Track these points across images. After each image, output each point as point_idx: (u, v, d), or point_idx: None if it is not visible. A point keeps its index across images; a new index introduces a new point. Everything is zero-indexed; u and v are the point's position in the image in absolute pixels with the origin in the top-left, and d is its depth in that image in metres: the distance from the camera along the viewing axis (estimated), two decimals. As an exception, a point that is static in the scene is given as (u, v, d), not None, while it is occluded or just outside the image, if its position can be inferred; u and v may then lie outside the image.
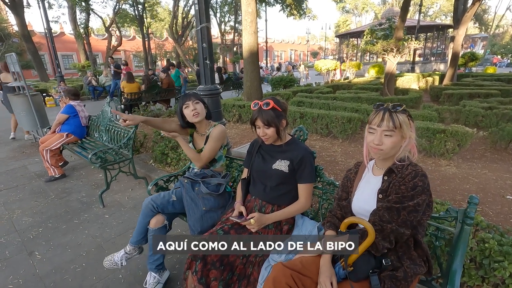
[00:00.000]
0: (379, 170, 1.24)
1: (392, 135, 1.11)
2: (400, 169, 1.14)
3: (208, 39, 2.95)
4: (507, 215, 2.52)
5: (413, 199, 1.05)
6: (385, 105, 1.16)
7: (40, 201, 3.18)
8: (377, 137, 1.13)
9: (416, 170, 1.11)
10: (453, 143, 3.73)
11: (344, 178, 1.38)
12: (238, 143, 4.84)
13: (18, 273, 2.09)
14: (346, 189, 1.34)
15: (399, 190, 1.10)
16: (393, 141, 1.12)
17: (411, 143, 1.16)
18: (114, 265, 1.89)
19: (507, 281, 1.40)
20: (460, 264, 1.12)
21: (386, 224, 1.07)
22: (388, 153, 1.15)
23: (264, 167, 1.60)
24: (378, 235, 1.07)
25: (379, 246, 1.08)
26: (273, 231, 1.53)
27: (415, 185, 1.07)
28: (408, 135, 1.13)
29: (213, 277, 1.37)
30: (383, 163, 1.23)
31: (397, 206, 1.06)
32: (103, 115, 3.88)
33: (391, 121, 1.10)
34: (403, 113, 1.13)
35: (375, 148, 1.14)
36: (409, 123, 1.14)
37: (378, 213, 1.11)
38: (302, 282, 1.14)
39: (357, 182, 1.29)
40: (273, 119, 1.51)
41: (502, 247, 1.42)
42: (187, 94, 1.96)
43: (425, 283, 1.28)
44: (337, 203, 1.37)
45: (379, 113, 1.14)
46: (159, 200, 1.85)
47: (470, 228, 1.18)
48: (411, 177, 1.09)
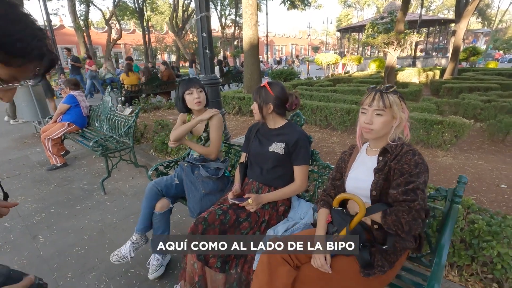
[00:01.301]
0: (373, 151, 1.27)
1: (383, 114, 1.14)
2: (394, 148, 1.16)
3: (208, 29, 2.97)
4: (501, 202, 2.58)
5: (419, 177, 1.07)
6: (377, 87, 1.19)
7: (43, 189, 3.24)
8: (368, 117, 1.16)
9: (412, 149, 1.13)
10: (450, 134, 3.77)
11: (339, 160, 1.42)
12: (238, 135, 4.89)
13: (22, 254, 2.15)
14: (340, 170, 1.38)
15: (403, 170, 1.10)
16: (383, 121, 1.15)
17: (403, 123, 1.18)
18: (122, 258, 1.87)
19: (495, 260, 1.45)
20: (448, 239, 1.17)
21: (412, 202, 1.04)
22: (378, 132, 1.17)
23: (261, 150, 1.64)
24: (407, 216, 1.03)
25: (413, 227, 1.03)
26: (269, 211, 1.58)
27: (416, 162, 1.09)
28: (399, 116, 1.15)
29: (211, 254, 1.42)
30: (375, 143, 1.26)
31: (411, 187, 1.06)
32: (104, 105, 3.92)
33: (382, 101, 1.13)
34: (394, 93, 1.15)
35: (366, 128, 1.18)
36: (401, 104, 1.16)
37: (397, 199, 1.08)
38: (297, 256, 1.19)
39: (351, 163, 1.33)
40: (257, 97, 1.61)
41: (491, 227, 1.47)
42: (191, 79, 1.96)
43: (415, 260, 1.33)
44: (331, 182, 1.41)
45: (370, 94, 1.18)
46: (163, 183, 1.90)
47: (459, 206, 1.23)
48: (410, 155, 1.11)
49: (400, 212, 1.04)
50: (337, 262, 1.16)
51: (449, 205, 1.23)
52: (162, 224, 1.86)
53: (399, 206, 1.06)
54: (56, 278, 1.92)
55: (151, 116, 6.49)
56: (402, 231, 1.05)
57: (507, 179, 3.06)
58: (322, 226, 1.27)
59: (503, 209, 2.46)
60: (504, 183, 2.97)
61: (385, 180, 1.15)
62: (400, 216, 1.04)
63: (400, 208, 1.05)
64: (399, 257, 1.15)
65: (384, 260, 1.12)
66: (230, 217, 1.50)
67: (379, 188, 1.14)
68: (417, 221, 1.03)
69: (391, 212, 1.07)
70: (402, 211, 1.04)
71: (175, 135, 1.93)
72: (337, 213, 1.24)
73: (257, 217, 1.56)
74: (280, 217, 1.60)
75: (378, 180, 1.15)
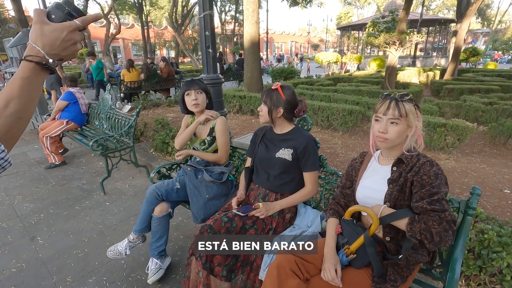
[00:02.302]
0: (386, 160, 1.24)
1: (398, 123, 1.11)
2: (410, 159, 1.13)
3: (211, 27, 2.92)
4: (504, 208, 2.56)
5: (441, 188, 1.03)
6: (392, 94, 1.16)
7: (41, 188, 3.19)
8: (383, 125, 1.13)
9: (430, 160, 1.10)
10: (453, 137, 3.75)
11: (349, 167, 1.38)
12: (238, 134, 4.84)
13: (21, 257, 2.11)
14: (351, 178, 1.35)
15: (423, 182, 1.06)
16: (399, 130, 1.11)
17: (418, 133, 1.15)
18: (118, 254, 1.89)
19: (504, 271, 1.43)
20: (461, 253, 1.14)
21: (442, 212, 1.00)
22: (393, 141, 1.14)
23: (267, 155, 1.60)
24: (438, 227, 0.98)
25: (445, 239, 0.98)
26: (276, 219, 1.55)
27: (436, 173, 1.06)
28: (414, 125, 1.12)
29: (217, 262, 1.39)
30: (389, 153, 1.22)
31: (437, 198, 1.01)
32: (103, 103, 3.86)
33: (397, 110, 1.10)
34: (409, 102, 1.12)
35: (380, 136, 1.14)
36: (416, 112, 1.13)
37: (425, 209, 1.03)
38: (306, 268, 1.16)
39: (362, 171, 1.29)
40: (268, 99, 1.55)
41: (501, 238, 1.45)
42: (192, 81, 1.94)
43: (425, 271, 1.31)
44: (340, 191, 1.37)
45: (385, 102, 1.13)
46: (164, 188, 1.86)
47: (472, 219, 1.20)
48: (428, 166, 1.08)
49: (430, 221, 1.00)
50: (347, 275, 1.13)
51: (462, 217, 1.20)
52: (161, 228, 1.82)
53: (428, 216, 1.01)
54: (56, 282, 1.88)
55: (151, 113, 6.43)
56: (430, 241, 0.99)
57: (510, 184, 3.05)
58: (332, 237, 1.24)
59: (507, 215, 2.45)
60: (507, 187, 2.96)
61: (399, 191, 1.11)
62: (431, 225, 0.99)
63: (430, 217, 1.00)
64: (412, 272, 1.12)
65: (397, 274, 1.09)
66: (236, 224, 1.46)
67: (393, 200, 1.11)
68: (448, 232, 0.98)
69: (420, 219, 1.02)
70: (433, 220, 0.99)
71: (179, 142, 1.96)
72: (347, 224, 1.21)
73: (263, 224, 1.53)
74: (286, 225, 1.57)
75: (392, 192, 1.12)
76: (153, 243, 1.86)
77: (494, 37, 37.80)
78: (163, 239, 1.86)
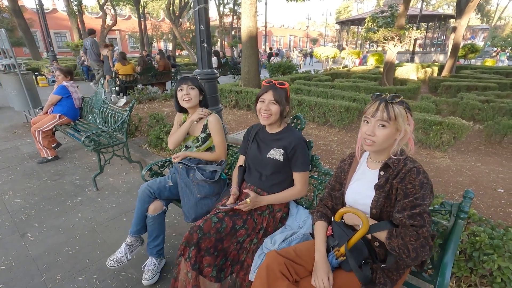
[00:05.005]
0: (374, 163, 1.20)
1: (386, 126, 1.06)
2: (396, 163, 1.10)
3: (206, 21, 2.86)
4: (498, 207, 2.57)
5: (425, 199, 1.01)
6: (383, 95, 1.12)
7: (33, 183, 3.15)
8: (371, 128, 1.09)
9: (417, 167, 1.06)
10: (449, 135, 3.74)
11: (338, 169, 1.34)
12: (234, 129, 4.81)
13: (10, 254, 2.08)
14: (340, 180, 1.32)
15: (407, 191, 1.04)
16: (386, 133, 1.07)
17: (407, 137, 1.10)
18: (119, 262, 1.80)
19: (494, 273, 1.43)
20: (452, 257, 1.13)
21: (420, 228, 0.98)
22: (380, 145, 1.09)
23: (259, 155, 1.58)
24: (415, 243, 0.98)
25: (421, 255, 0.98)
26: (267, 218, 1.53)
27: (421, 183, 1.02)
28: (404, 128, 1.07)
29: (206, 263, 1.37)
30: (377, 156, 1.18)
31: (418, 211, 0.99)
32: (96, 97, 3.79)
33: (386, 112, 1.05)
34: (400, 104, 1.07)
35: (368, 138, 1.10)
36: (406, 116, 1.08)
37: (403, 223, 1.01)
38: (295, 270, 1.15)
39: (351, 174, 1.27)
40: (283, 98, 1.49)
41: (493, 240, 1.44)
42: (185, 78, 1.91)
43: (416, 274, 1.30)
44: (329, 192, 1.34)
45: (375, 103, 1.09)
46: (156, 185, 1.83)
47: (464, 222, 1.19)
48: (415, 174, 1.04)
49: (407, 237, 0.99)
50: (337, 277, 1.12)
51: (454, 221, 1.19)
52: (156, 227, 1.80)
53: (406, 230, 1.00)
54: (45, 279, 1.86)
55: (146, 107, 6.36)
56: (407, 256, 0.99)
57: (504, 183, 3.05)
58: (322, 242, 1.21)
59: (500, 215, 2.46)
60: (500, 187, 2.96)
61: (386, 198, 1.09)
62: (407, 241, 0.98)
63: (408, 232, 0.99)
64: (402, 275, 1.11)
65: (386, 278, 1.08)
66: (227, 225, 1.44)
67: (380, 206, 1.09)
68: (425, 248, 0.98)
69: (397, 234, 1.02)
70: (410, 236, 0.98)
71: (173, 142, 1.94)
72: (338, 225, 1.19)
73: (254, 224, 1.51)
74: (277, 225, 1.56)
75: (378, 198, 1.09)
76: (150, 242, 1.83)
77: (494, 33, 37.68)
78: (160, 238, 1.84)
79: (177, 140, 1.93)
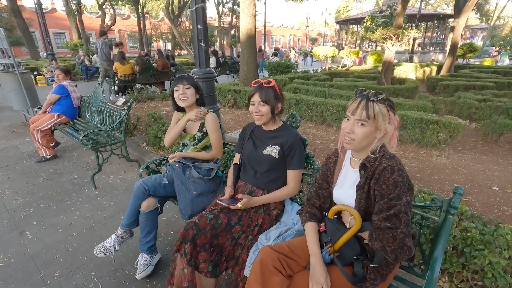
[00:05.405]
0: (356, 161, 1.19)
1: (365, 124, 1.04)
2: (373, 162, 1.08)
3: (204, 21, 2.88)
4: (492, 205, 2.59)
5: (400, 199, 1.00)
6: (366, 91, 1.08)
7: (31, 182, 3.16)
8: (349, 125, 1.07)
9: (391, 165, 1.03)
10: (445, 134, 3.77)
11: (324, 166, 1.33)
12: (232, 128, 4.83)
13: (9, 252, 2.10)
14: (326, 179, 1.31)
15: (382, 192, 1.03)
16: (364, 132, 1.05)
17: (388, 136, 1.07)
18: (107, 251, 1.85)
19: (486, 268, 1.45)
20: (441, 252, 1.15)
21: (395, 230, 0.98)
22: (359, 143, 1.08)
23: (255, 152, 1.60)
24: (392, 245, 0.99)
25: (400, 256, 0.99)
26: (262, 215, 1.55)
27: (395, 182, 1.01)
28: (384, 128, 1.04)
29: (202, 259, 1.39)
30: (358, 154, 1.17)
31: (393, 213, 0.99)
32: (95, 96, 3.81)
33: (365, 111, 1.03)
34: (381, 102, 1.04)
35: (347, 136, 1.09)
36: (388, 114, 1.05)
37: (379, 226, 1.02)
38: (289, 265, 1.17)
39: (337, 173, 1.25)
40: (271, 98, 1.50)
41: (484, 236, 1.46)
42: (181, 77, 1.93)
43: (407, 269, 1.32)
44: (316, 191, 1.34)
45: (356, 100, 1.06)
46: (151, 182, 1.86)
47: (454, 218, 1.21)
48: (388, 173, 1.02)
49: (385, 240, 1.00)
50: (330, 273, 1.14)
51: (444, 216, 1.21)
52: (149, 223, 1.82)
53: (384, 232, 1.00)
54: (43, 276, 1.88)
55: (145, 107, 6.38)
56: (388, 257, 1.01)
57: (499, 181, 3.08)
58: (315, 243, 1.20)
59: (494, 212, 2.48)
60: (496, 185, 2.99)
61: (366, 198, 1.09)
62: (385, 244, 0.99)
63: (385, 235, 1.00)
64: (392, 270, 1.13)
65: (377, 273, 1.10)
66: (222, 221, 1.46)
67: (363, 208, 1.10)
68: (403, 249, 0.98)
69: (376, 237, 1.03)
70: (387, 238, 0.99)
71: (169, 139, 1.96)
72: (331, 222, 1.21)
73: (249, 220, 1.53)
74: (272, 221, 1.58)
75: (360, 199, 1.10)
76: (142, 238, 1.85)
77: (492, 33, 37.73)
78: (152, 235, 1.86)
79: (173, 138, 1.95)
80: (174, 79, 8.45)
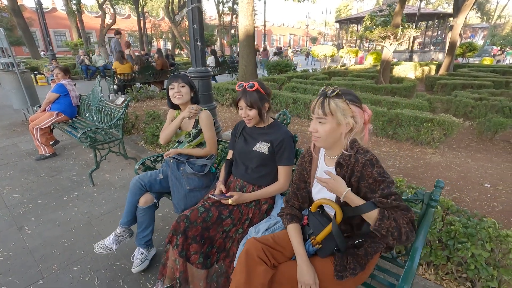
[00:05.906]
0: (330, 159, 1.20)
1: (325, 122, 1.05)
2: (348, 159, 1.10)
3: (199, 20, 2.92)
4: (483, 201, 2.63)
5: (390, 187, 1.03)
6: (326, 88, 1.08)
7: (30, 179, 3.22)
8: (312, 124, 1.09)
9: (369, 159, 1.06)
10: (439, 132, 3.81)
11: (299, 167, 1.33)
12: (230, 127, 4.87)
13: (8, 246, 2.15)
14: (303, 178, 1.32)
15: (372, 186, 1.05)
16: (326, 129, 1.06)
17: (357, 128, 1.07)
18: (105, 249, 1.89)
19: (468, 260, 1.50)
20: (422, 243, 1.20)
21: (408, 212, 1.01)
22: (325, 140, 1.09)
23: (245, 148, 1.65)
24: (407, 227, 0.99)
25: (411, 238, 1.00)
26: (253, 209, 1.60)
27: (379, 173, 1.05)
28: (345, 122, 1.05)
29: (193, 251, 1.44)
30: (330, 152, 1.19)
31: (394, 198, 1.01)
32: (93, 95, 3.86)
33: (321, 108, 1.04)
34: (338, 97, 1.04)
35: (312, 134, 1.11)
36: (349, 108, 1.04)
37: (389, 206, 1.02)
38: (273, 255, 1.21)
39: (313, 172, 1.27)
40: (256, 101, 1.53)
41: (467, 229, 1.51)
42: (176, 75, 1.97)
43: (391, 260, 1.37)
44: (294, 192, 1.35)
45: (316, 99, 1.07)
46: (147, 178, 1.90)
47: (434, 210, 1.25)
48: (370, 168, 1.05)
49: (400, 219, 0.99)
50: (313, 264, 1.18)
51: (425, 209, 1.26)
52: (146, 219, 1.87)
53: (396, 214, 1.00)
54: (41, 270, 1.93)
55: (144, 106, 6.43)
56: (395, 238, 0.99)
57: (492, 178, 3.12)
58: (300, 244, 1.21)
59: (484, 208, 2.52)
60: (488, 182, 3.03)
61: None
62: (401, 223, 0.98)
63: (399, 215, 1.00)
64: (370, 260, 1.17)
65: (356, 263, 1.15)
66: (213, 214, 1.51)
67: (344, 203, 1.12)
68: (413, 232, 1.00)
69: (390, 216, 1.00)
70: (403, 218, 0.99)
71: (164, 137, 2.00)
72: (314, 216, 1.25)
73: (240, 214, 1.58)
74: (263, 215, 1.62)
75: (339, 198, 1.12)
76: (139, 233, 1.90)
77: (493, 32, 37.64)
78: (149, 229, 1.91)
79: (168, 135, 2.00)
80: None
